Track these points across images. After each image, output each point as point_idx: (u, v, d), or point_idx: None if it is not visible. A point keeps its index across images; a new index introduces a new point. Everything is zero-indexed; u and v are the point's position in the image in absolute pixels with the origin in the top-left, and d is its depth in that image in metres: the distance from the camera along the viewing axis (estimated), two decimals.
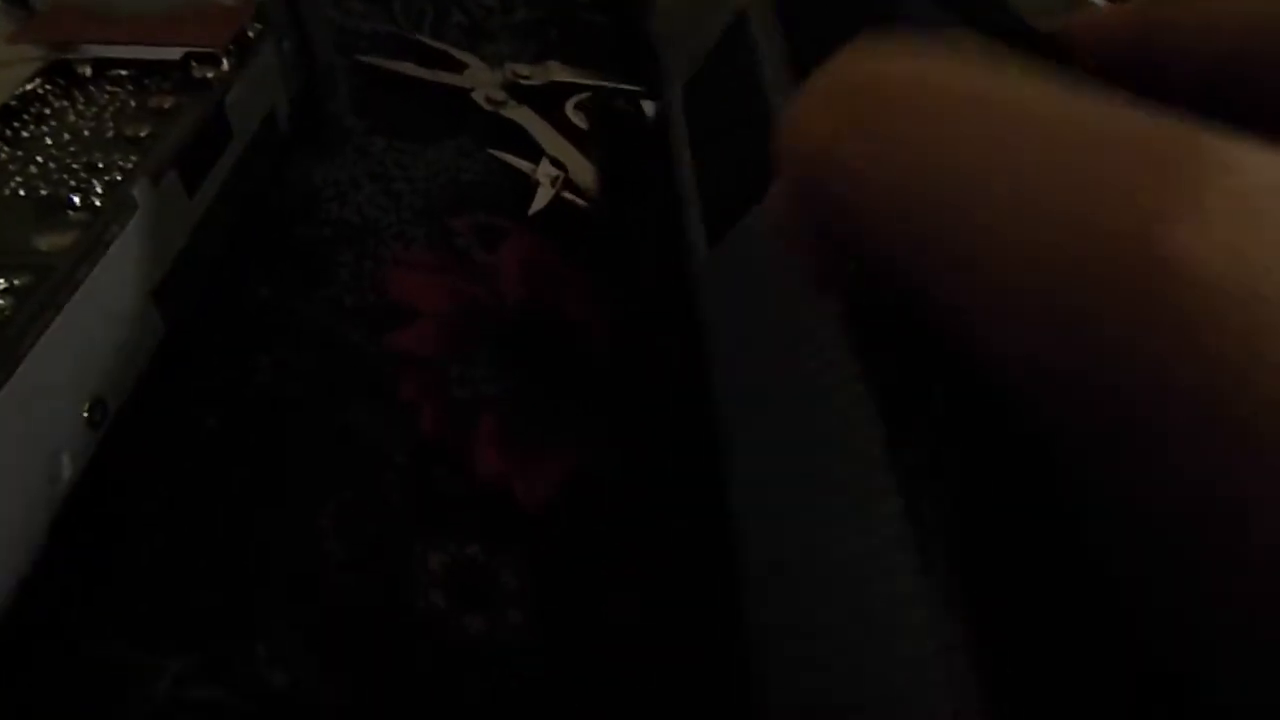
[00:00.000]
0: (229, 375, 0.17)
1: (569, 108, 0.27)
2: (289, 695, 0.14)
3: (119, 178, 0.16)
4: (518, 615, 0.15)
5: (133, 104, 0.18)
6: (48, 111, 0.17)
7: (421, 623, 0.14)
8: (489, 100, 0.26)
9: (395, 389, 0.18)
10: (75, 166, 0.16)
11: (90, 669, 0.14)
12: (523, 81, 0.28)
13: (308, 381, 0.18)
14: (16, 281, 0.14)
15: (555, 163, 0.24)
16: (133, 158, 0.16)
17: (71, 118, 0.17)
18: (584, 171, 0.24)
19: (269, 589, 0.15)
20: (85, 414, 0.14)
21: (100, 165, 0.16)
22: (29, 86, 0.18)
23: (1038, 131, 0.08)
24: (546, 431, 0.18)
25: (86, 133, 0.17)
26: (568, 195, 0.23)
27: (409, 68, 0.27)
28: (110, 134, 0.17)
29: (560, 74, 0.28)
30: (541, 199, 0.22)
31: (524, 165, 0.24)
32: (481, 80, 0.28)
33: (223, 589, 0.15)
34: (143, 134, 0.17)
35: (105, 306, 0.15)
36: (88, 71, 0.18)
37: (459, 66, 0.28)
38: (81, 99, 0.18)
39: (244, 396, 0.17)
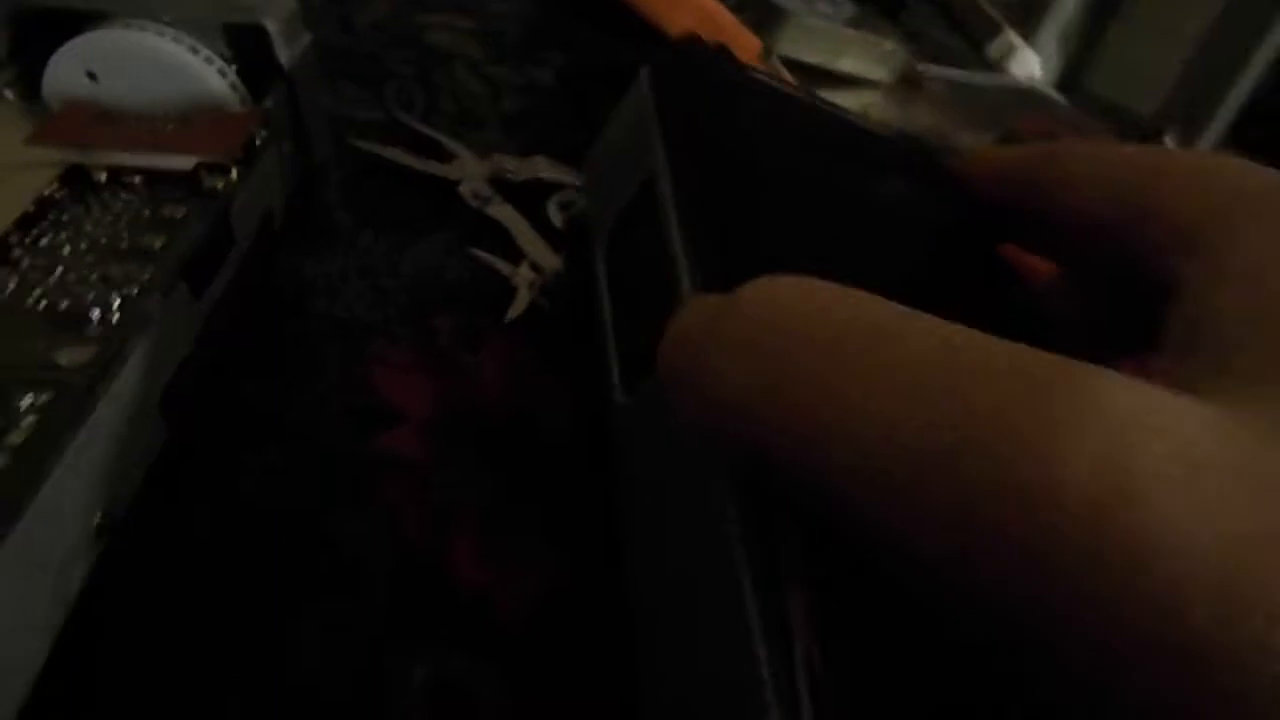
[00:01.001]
0: (217, 478, 0.18)
1: (551, 207, 0.28)
2: None
3: (135, 291, 0.17)
4: None
5: (146, 213, 0.19)
6: (65, 219, 0.18)
7: None
8: (475, 196, 0.28)
9: (379, 493, 0.19)
10: (93, 278, 0.17)
11: None
12: (509, 176, 0.29)
13: (293, 485, 0.19)
14: (41, 398, 0.14)
15: (534, 266, 0.25)
16: (148, 269, 0.17)
17: (88, 226, 0.18)
18: (559, 275, 0.25)
19: (250, 703, 0.15)
20: (95, 527, 0.15)
21: (115, 277, 0.17)
22: (47, 192, 0.18)
23: (922, 361, 0.10)
24: (527, 540, 0.19)
25: (103, 241, 0.18)
26: (541, 301, 0.24)
27: (400, 155, 0.29)
28: (125, 244, 0.18)
29: (546, 170, 0.30)
30: (519, 304, 0.24)
31: (504, 268, 0.25)
32: (469, 171, 0.29)
33: (205, 704, 0.15)
34: (156, 245, 0.18)
35: (118, 419, 0.16)
36: (103, 178, 0.19)
37: (448, 156, 0.30)
38: (97, 206, 0.19)
39: (231, 501, 0.18)
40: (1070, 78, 1.30)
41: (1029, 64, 0.82)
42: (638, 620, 0.16)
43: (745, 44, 0.41)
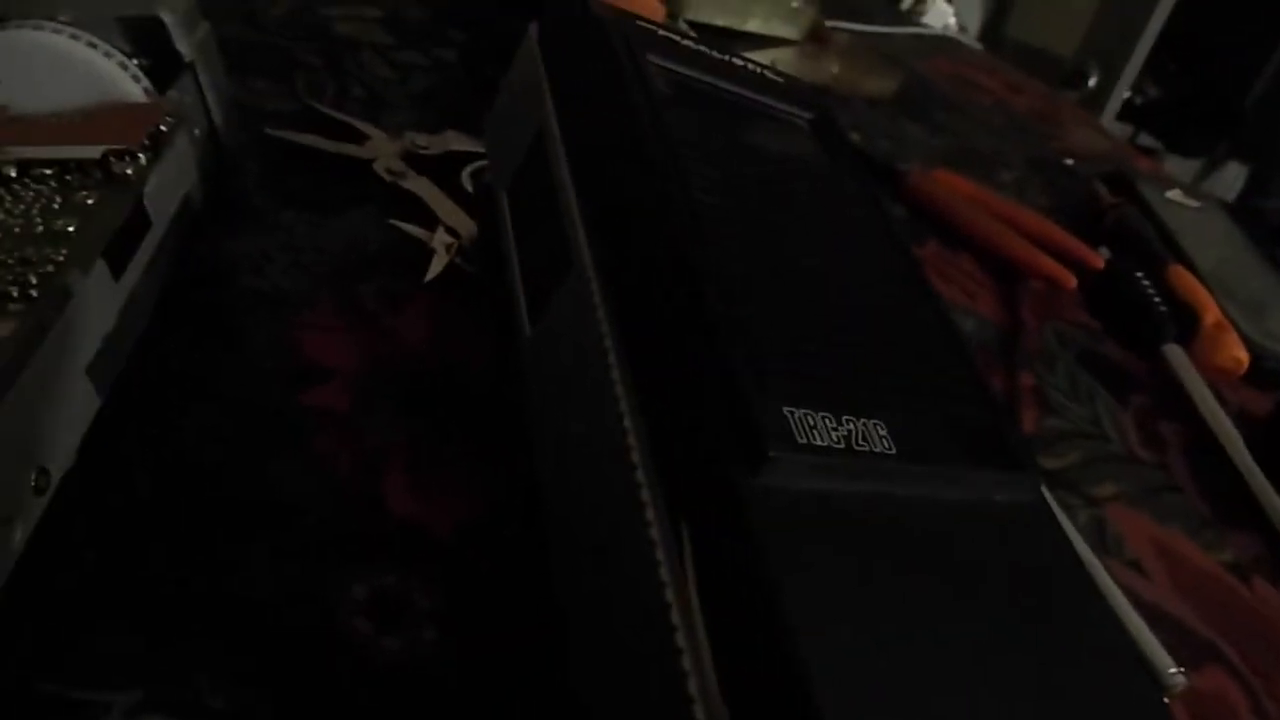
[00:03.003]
0: (156, 439, 0.19)
1: (464, 176, 0.29)
2: (232, 714, 0.16)
3: (51, 269, 0.18)
4: (432, 632, 0.17)
5: (58, 200, 0.20)
6: None
7: (346, 645, 0.17)
8: (389, 172, 0.29)
9: (312, 442, 0.20)
10: (10, 261, 0.18)
11: (42, 708, 0.15)
12: (421, 151, 0.30)
13: (231, 440, 0.20)
14: None
15: (450, 230, 0.26)
16: (63, 251, 0.18)
17: (0, 216, 0.19)
18: (475, 238, 0.26)
19: (206, 627, 0.17)
20: (32, 483, 0.16)
21: (33, 259, 0.18)
22: None
23: None
24: (453, 474, 0.20)
25: (17, 230, 0.19)
26: (459, 261, 0.25)
27: (314, 140, 0.30)
28: (40, 229, 0.19)
29: (457, 143, 0.31)
30: (437, 265, 0.25)
31: (421, 234, 0.26)
32: (383, 150, 0.30)
33: (162, 628, 0.17)
34: (70, 228, 0.19)
35: (46, 385, 0.17)
36: (13, 172, 0.20)
37: (361, 137, 0.31)
38: (9, 198, 0.20)
39: (172, 458, 0.19)
40: (993, 27, 1.33)
41: (943, 14, 0.84)
42: (552, 527, 0.17)
43: (651, 10, 0.42)
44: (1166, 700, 0.21)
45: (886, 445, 0.15)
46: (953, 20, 0.78)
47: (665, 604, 0.13)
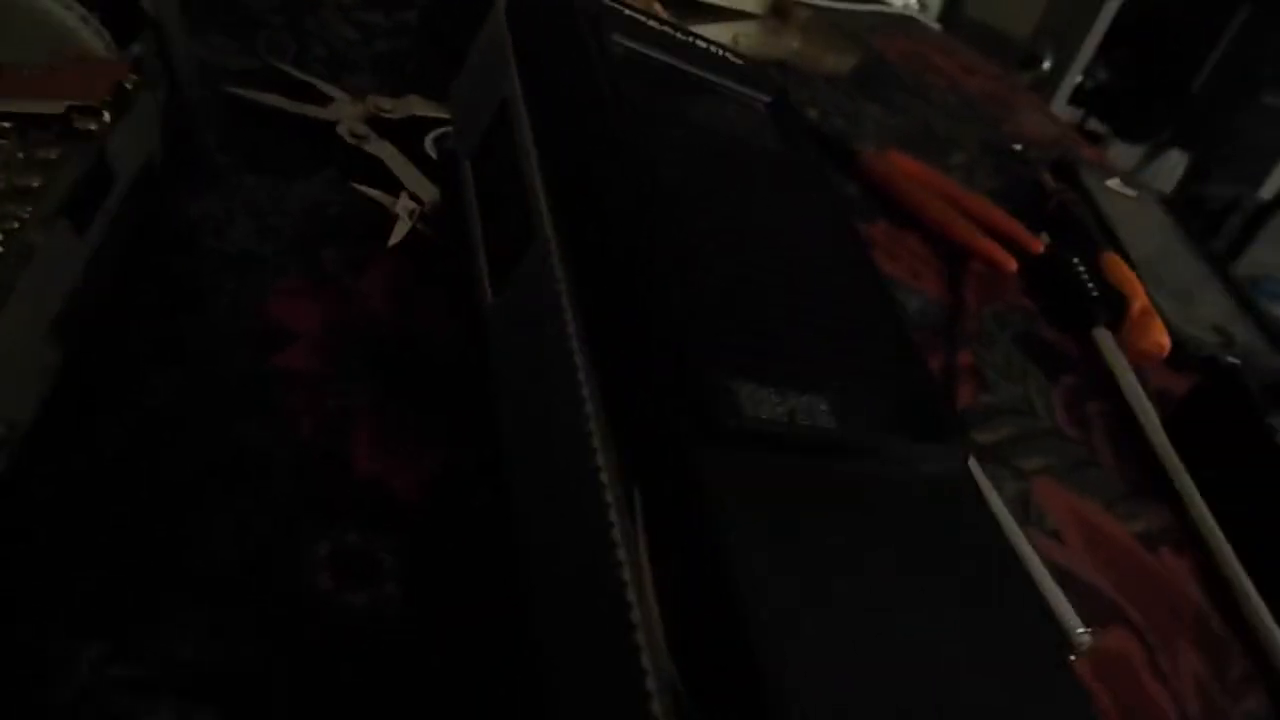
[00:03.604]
0: (122, 398, 0.20)
1: (427, 142, 0.30)
2: (198, 667, 0.16)
3: (15, 225, 0.18)
4: (395, 589, 0.18)
5: (20, 155, 0.20)
6: None
7: (310, 600, 0.17)
8: (352, 135, 0.29)
9: (278, 403, 0.21)
10: None
11: (14, 658, 0.16)
12: (384, 115, 0.30)
13: (197, 400, 0.20)
14: None
15: (413, 196, 0.27)
16: (27, 208, 0.18)
17: None
18: (437, 204, 0.27)
19: (173, 579, 0.17)
20: None
21: None
22: None
23: None
24: (415, 433, 0.21)
25: None
26: (422, 227, 0.26)
27: (276, 99, 0.30)
28: (1, 185, 0.19)
29: (420, 108, 0.31)
30: (400, 231, 0.25)
31: (385, 199, 0.27)
32: (346, 113, 0.30)
33: (130, 583, 0.17)
34: (33, 184, 0.19)
35: (9, 341, 0.17)
36: None
37: (324, 99, 0.31)
38: None
39: (140, 416, 0.19)
40: (953, 6, 1.34)
41: None
42: (513, 489, 0.18)
43: None
44: (1074, 657, 0.23)
45: (828, 419, 0.16)
46: (914, 0, 0.79)
47: (617, 562, 0.14)
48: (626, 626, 0.13)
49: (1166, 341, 0.37)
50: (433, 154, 0.29)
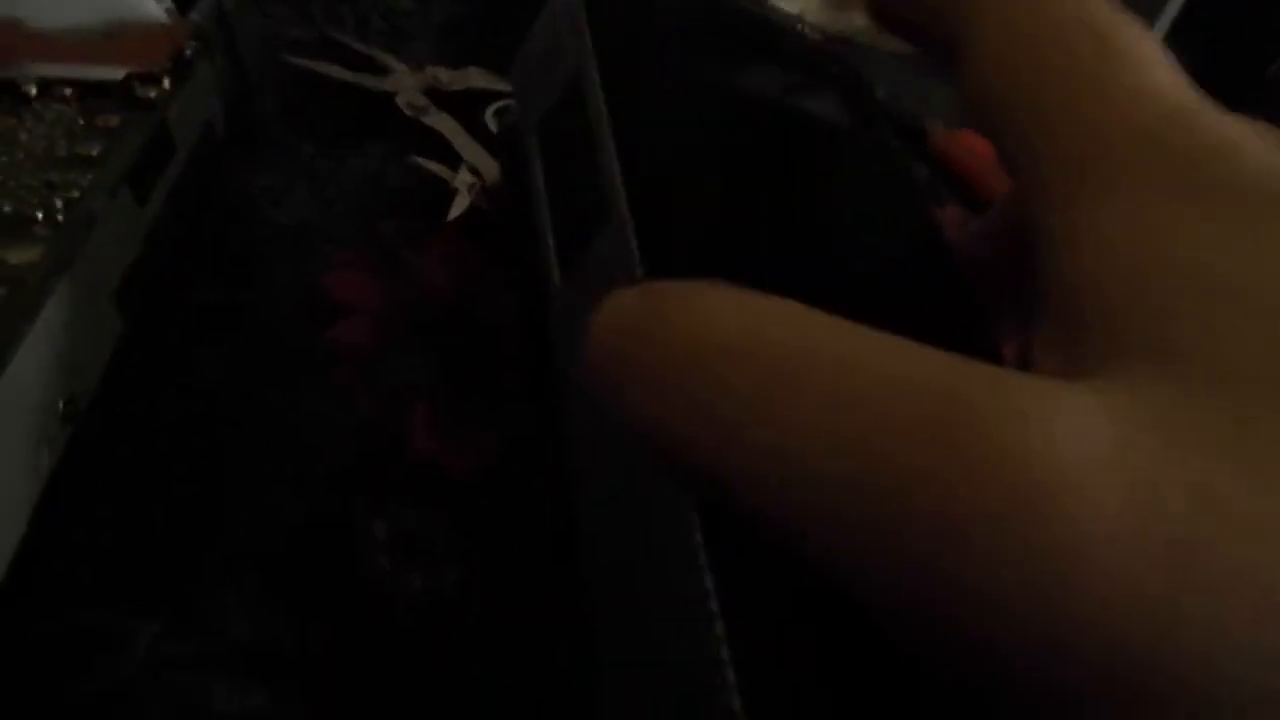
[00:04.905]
0: (180, 369, 0.19)
1: (488, 115, 0.29)
2: (254, 646, 0.16)
3: (76, 194, 0.17)
4: (452, 573, 0.18)
5: (80, 123, 0.19)
6: None
7: (369, 580, 0.17)
8: (411, 106, 0.28)
9: (334, 377, 0.20)
10: (34, 184, 0.17)
11: (74, 636, 0.16)
12: (444, 87, 0.30)
13: (253, 373, 0.20)
14: None
15: (473, 170, 0.26)
16: (88, 175, 0.18)
17: (23, 136, 0.19)
18: (498, 180, 0.26)
19: (231, 556, 0.17)
20: (61, 410, 0.16)
21: (57, 183, 0.18)
22: None
23: (840, 374, 0.09)
24: (472, 413, 0.20)
25: (41, 150, 0.18)
26: (482, 203, 0.25)
27: (335, 70, 0.29)
28: (62, 152, 0.18)
29: (479, 80, 0.30)
30: (459, 206, 0.25)
31: (444, 172, 0.26)
32: (404, 84, 0.29)
33: (188, 559, 0.17)
34: (94, 153, 0.19)
35: (73, 312, 0.16)
36: (33, 90, 0.20)
37: (382, 70, 0.30)
38: (30, 118, 0.19)
39: (196, 388, 0.19)
40: None
41: None
42: (576, 479, 0.17)
43: None
44: None
45: None
46: None
47: (699, 566, 0.13)
48: (711, 639, 0.12)
49: None
50: (493, 128, 0.28)
